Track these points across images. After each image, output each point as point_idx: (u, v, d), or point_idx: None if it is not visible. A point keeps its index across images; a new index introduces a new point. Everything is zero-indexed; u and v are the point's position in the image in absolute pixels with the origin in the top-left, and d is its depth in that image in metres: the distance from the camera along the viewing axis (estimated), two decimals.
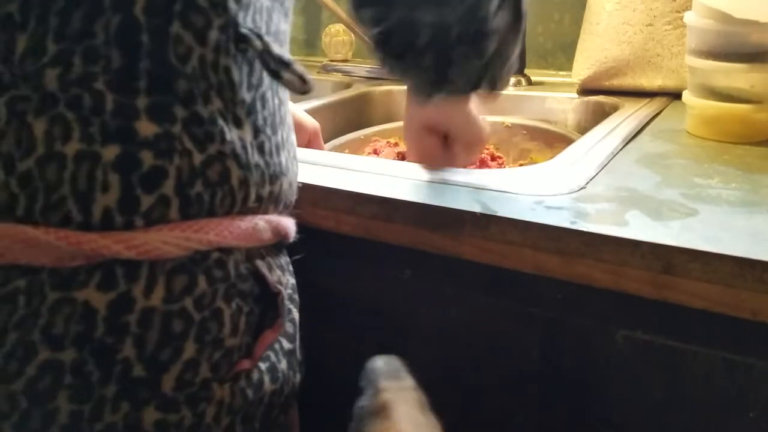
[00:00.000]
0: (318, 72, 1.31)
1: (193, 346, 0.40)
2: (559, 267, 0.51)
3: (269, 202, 0.46)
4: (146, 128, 0.39)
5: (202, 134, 0.40)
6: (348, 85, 1.21)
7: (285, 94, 0.49)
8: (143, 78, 0.39)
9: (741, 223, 0.50)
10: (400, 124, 1.04)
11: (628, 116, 0.84)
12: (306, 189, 0.62)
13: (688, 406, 0.52)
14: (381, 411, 0.45)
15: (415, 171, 0.65)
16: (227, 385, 0.42)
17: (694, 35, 0.73)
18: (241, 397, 0.43)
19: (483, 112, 0.69)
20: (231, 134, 0.42)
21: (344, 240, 0.62)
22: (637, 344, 0.52)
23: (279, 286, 0.47)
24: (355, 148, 0.95)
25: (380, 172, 0.65)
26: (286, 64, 0.44)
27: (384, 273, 0.63)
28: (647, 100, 0.93)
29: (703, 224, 0.50)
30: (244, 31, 0.42)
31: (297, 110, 0.81)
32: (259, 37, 0.43)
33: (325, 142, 0.92)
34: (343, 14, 1.17)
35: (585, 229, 0.50)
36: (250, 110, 0.43)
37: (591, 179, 0.61)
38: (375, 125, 1.10)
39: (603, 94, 0.99)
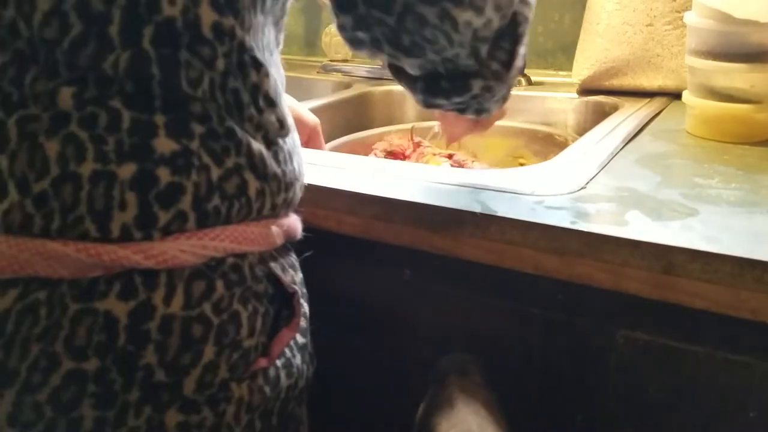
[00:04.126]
0: (318, 72, 1.31)
1: (212, 349, 0.41)
2: (559, 267, 0.51)
3: (282, 208, 0.47)
4: (164, 145, 0.39)
5: (219, 148, 0.41)
6: (348, 85, 1.21)
7: (286, 100, 0.50)
8: (159, 99, 0.39)
9: (741, 223, 0.50)
10: (399, 126, 1.05)
11: (628, 116, 0.84)
12: (306, 189, 0.62)
13: (688, 406, 0.52)
14: (447, 405, 0.46)
15: (415, 171, 0.65)
16: (245, 384, 0.43)
17: (694, 35, 0.73)
18: (259, 394, 0.44)
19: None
20: (249, 146, 0.43)
21: (344, 240, 0.62)
22: (637, 344, 0.52)
23: (294, 286, 0.47)
24: (353, 150, 0.95)
25: (380, 172, 0.65)
26: (271, 104, 0.44)
27: (384, 273, 0.63)
28: (647, 100, 0.93)
29: (703, 224, 0.50)
30: (246, 58, 0.42)
31: (298, 105, 0.80)
32: (257, 67, 0.43)
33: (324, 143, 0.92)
34: None
35: (585, 229, 0.50)
36: (262, 122, 0.44)
37: (591, 179, 0.61)
38: (375, 125, 1.10)
39: (603, 94, 0.99)
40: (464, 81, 0.50)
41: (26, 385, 0.38)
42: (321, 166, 0.67)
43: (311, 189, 0.62)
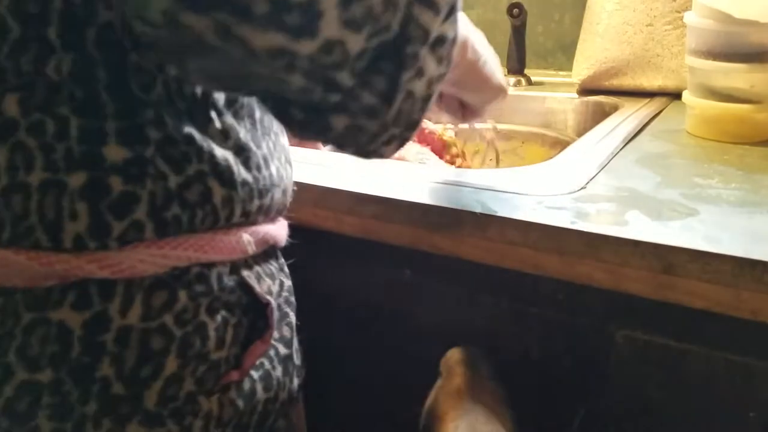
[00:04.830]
0: None
1: (175, 362, 0.40)
2: (559, 267, 0.51)
3: (258, 215, 0.45)
4: (115, 153, 0.37)
5: (178, 155, 0.39)
6: None
7: None
8: (109, 105, 0.37)
9: (741, 223, 0.50)
10: None
11: (628, 116, 0.84)
12: (306, 189, 0.62)
13: (688, 406, 0.52)
14: (455, 396, 0.47)
15: (415, 171, 0.65)
16: (215, 397, 0.42)
17: (694, 35, 0.73)
18: (231, 408, 0.42)
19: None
20: (211, 152, 0.40)
21: (344, 240, 0.62)
22: (637, 344, 0.52)
23: (268, 297, 0.45)
24: None
25: (380, 172, 0.65)
26: (235, 106, 0.41)
27: (384, 273, 0.63)
28: (647, 100, 0.93)
29: (703, 224, 0.50)
30: None
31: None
32: None
33: None
34: None
35: (585, 229, 0.49)
36: (228, 127, 0.42)
37: (591, 179, 0.61)
38: None
39: (603, 94, 0.99)
40: (319, 116, 0.36)
41: None
42: (321, 166, 0.67)
43: (311, 189, 0.62)
